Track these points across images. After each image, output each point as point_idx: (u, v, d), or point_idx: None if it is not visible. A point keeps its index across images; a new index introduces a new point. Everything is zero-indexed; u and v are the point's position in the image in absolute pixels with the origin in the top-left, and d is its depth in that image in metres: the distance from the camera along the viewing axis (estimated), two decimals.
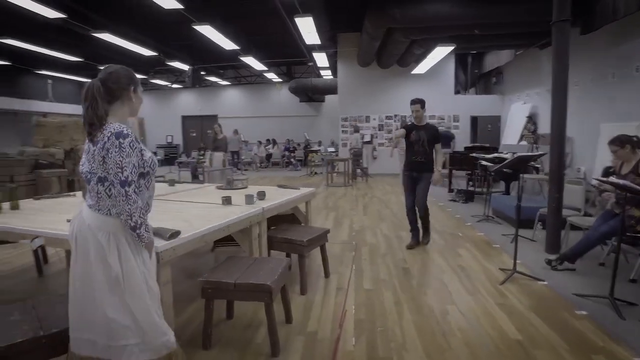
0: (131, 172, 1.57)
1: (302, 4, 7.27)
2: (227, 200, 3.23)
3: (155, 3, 6.59)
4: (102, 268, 1.60)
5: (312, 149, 14.59)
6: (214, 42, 9.28)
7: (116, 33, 8.50)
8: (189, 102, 18.67)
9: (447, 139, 9.93)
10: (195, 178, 9.09)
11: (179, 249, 2.19)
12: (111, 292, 1.60)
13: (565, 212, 4.18)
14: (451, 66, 11.72)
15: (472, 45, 9.44)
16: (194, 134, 19.33)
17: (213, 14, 8.24)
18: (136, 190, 1.60)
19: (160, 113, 18.79)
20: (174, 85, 17.81)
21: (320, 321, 2.71)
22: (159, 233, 2.20)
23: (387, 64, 11.04)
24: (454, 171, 8.29)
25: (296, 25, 8.13)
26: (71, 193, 4.15)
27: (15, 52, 10.21)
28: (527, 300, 2.99)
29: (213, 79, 16.68)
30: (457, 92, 12.40)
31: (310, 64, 14.09)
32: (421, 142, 4.25)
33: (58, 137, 7.25)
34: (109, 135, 1.57)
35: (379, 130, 12.02)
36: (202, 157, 16.30)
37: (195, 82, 13.31)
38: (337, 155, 12.41)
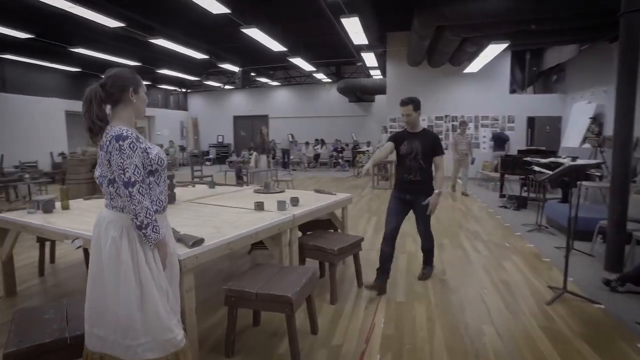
0: (134, 173, 1.60)
1: (348, 4, 7.18)
2: (259, 206, 3.24)
3: (204, 9, 6.81)
4: (113, 264, 1.63)
5: (359, 149, 14.44)
6: (262, 44, 9.46)
7: (170, 38, 8.91)
8: (240, 103, 19.21)
9: (501, 140, 9.40)
10: (239, 179, 9.30)
11: (202, 257, 2.21)
12: (121, 289, 1.62)
13: (631, 225, 3.76)
14: (507, 64, 11.05)
15: (530, 42, 8.83)
16: (245, 134, 19.88)
17: (260, 17, 8.38)
18: (141, 190, 1.62)
19: (213, 113, 19.50)
20: (227, 87, 18.41)
21: (346, 334, 2.63)
22: (183, 240, 2.24)
23: (438, 63, 10.65)
24: (506, 175, 7.81)
25: (343, 26, 8.07)
26: None
27: (85, 59, 11.05)
28: (577, 325, 2.72)
29: (263, 79, 17.04)
30: (512, 91, 11.68)
31: (359, 64, 13.94)
32: (414, 154, 3.30)
33: None
34: (109, 139, 1.62)
35: None
36: (250, 157, 16.86)
37: (245, 83, 13.67)
38: None
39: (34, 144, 10.82)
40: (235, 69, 13.33)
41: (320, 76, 15.95)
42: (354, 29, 8.28)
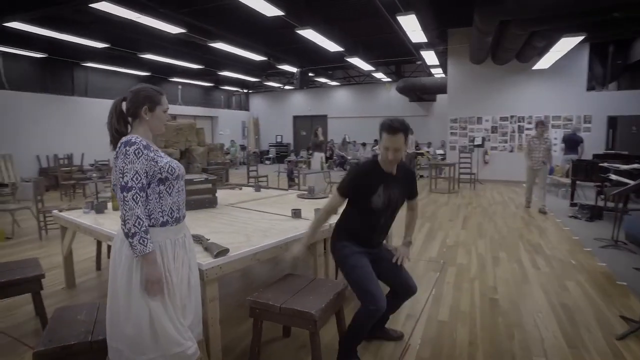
0: (132, 178, 1.59)
1: (404, 1, 6.92)
2: (296, 214, 3.18)
3: (259, 12, 6.92)
4: (125, 283, 1.64)
5: (419, 150, 13.96)
6: (319, 45, 9.46)
7: (229, 42, 9.21)
8: (299, 103, 19.44)
9: (573, 142, 8.52)
10: (291, 180, 9.37)
11: (226, 267, 2.19)
12: (132, 308, 1.63)
13: None
14: (584, 58, 10.00)
15: (612, 32, 7.90)
16: (304, 134, 20.11)
17: (316, 18, 8.36)
18: (136, 197, 1.59)
19: (273, 113, 19.94)
20: (286, 87, 18.72)
21: (377, 354, 2.48)
22: (209, 249, 2.23)
23: (504, 59, 9.93)
24: (578, 182, 7.07)
25: (400, 24, 7.81)
26: None
27: (153, 64, 11.82)
28: None
29: (322, 80, 17.09)
30: (591, 88, 10.58)
31: (418, 62, 13.47)
32: (392, 209, 2.35)
33: (175, 138, 8.14)
34: (120, 145, 1.66)
35: (492, 132, 10.91)
36: (310, 157, 17.00)
37: (302, 83, 13.77)
38: (444, 158, 11.65)
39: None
40: (294, 69, 13.49)
41: (380, 76, 15.66)
42: (411, 26, 7.97)
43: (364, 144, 15.93)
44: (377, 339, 2.62)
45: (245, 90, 19.54)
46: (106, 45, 8.92)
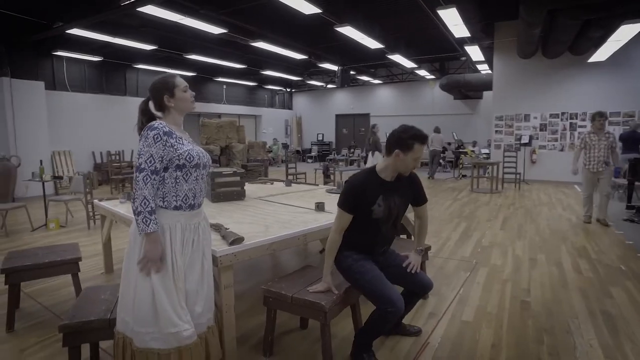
0: (146, 161, 1.69)
1: None
2: (319, 207, 3.18)
3: (297, 10, 6.99)
4: (137, 252, 1.73)
5: (463, 149, 13.49)
6: (360, 42, 9.40)
7: (270, 41, 9.37)
8: (342, 101, 19.42)
9: (633, 141, 7.88)
10: (326, 177, 9.37)
11: (240, 255, 2.23)
12: (139, 282, 1.72)
13: None
14: None
15: None
16: (346, 132, 20.08)
17: (355, 15, 8.30)
18: (146, 179, 1.69)
19: (316, 112, 20.06)
20: (329, 86, 18.77)
21: (394, 350, 2.42)
22: (225, 237, 2.29)
23: (555, 52, 9.35)
24: (636, 183, 6.52)
25: (441, 19, 7.59)
26: None
27: (199, 65, 12.30)
28: None
29: (365, 78, 16.97)
30: None
31: (463, 58, 13.02)
32: (394, 218, 2.24)
33: (216, 135, 8.39)
34: (145, 129, 1.76)
35: (540, 130, 10.31)
36: (351, 155, 16.93)
37: (343, 82, 13.73)
38: (488, 157, 11.17)
39: None
40: (335, 67, 13.49)
41: (424, 73, 15.30)
42: (453, 20, 7.72)
43: None
44: (394, 334, 2.56)
45: (288, 90, 19.81)
46: (154, 47, 9.38)
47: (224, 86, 15.56)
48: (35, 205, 7.04)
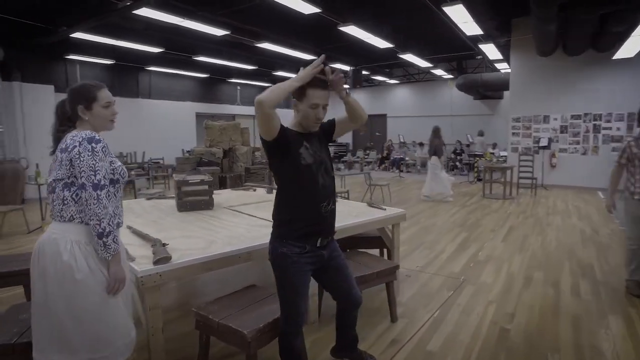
0: (104, 176, 1.59)
1: None
2: None
3: (296, 11, 6.81)
4: (69, 287, 1.58)
5: (477, 152, 12.95)
6: (367, 42, 9.14)
7: (275, 42, 9.24)
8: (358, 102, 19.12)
9: None
10: None
11: (166, 275, 2.05)
12: (80, 306, 1.59)
13: None
14: None
15: None
16: (362, 134, 19.74)
17: (360, 14, 8.05)
18: (108, 195, 1.60)
19: (331, 112, 19.35)
20: (344, 86, 18.49)
21: None
22: (155, 254, 2.11)
23: (577, 49, 8.78)
24: None
25: (449, 16, 7.23)
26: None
27: (210, 66, 12.30)
28: None
29: (380, 78, 16.61)
30: None
31: (478, 57, 12.49)
32: (320, 161, 1.95)
33: (220, 138, 8.31)
34: (80, 140, 1.58)
35: (561, 132, 9.71)
36: (366, 157, 16.62)
37: (356, 82, 13.45)
38: (504, 161, 10.65)
39: (170, 142, 12.44)
40: (347, 68, 13.23)
41: (440, 72, 14.83)
42: (462, 18, 7.36)
43: (421, 144, 15.16)
44: None
45: None
46: (161, 50, 9.41)
47: (238, 87, 15.56)
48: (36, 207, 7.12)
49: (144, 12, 6.32)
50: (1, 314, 2.10)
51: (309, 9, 6.77)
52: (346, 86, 2.06)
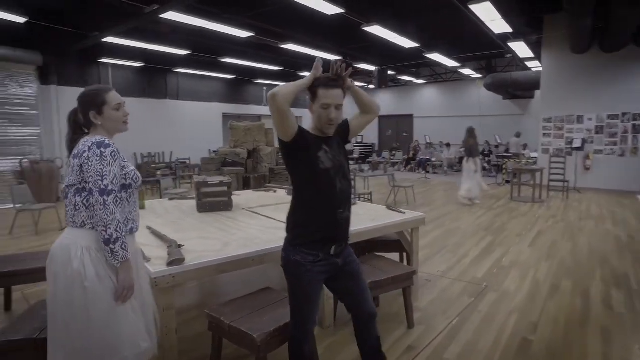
0: (111, 182, 1.57)
1: None
2: None
3: (322, 12, 6.80)
4: (100, 287, 1.58)
5: (506, 153, 12.57)
6: (393, 42, 9.04)
7: (299, 42, 9.27)
8: (384, 102, 18.89)
9: None
10: None
11: (180, 277, 2.08)
12: (118, 309, 1.60)
13: None
14: None
15: None
16: (389, 134, 19.56)
17: (384, 14, 7.96)
18: (116, 201, 1.58)
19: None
20: (370, 87, 18.36)
21: None
22: (169, 256, 2.15)
23: (615, 45, 8.36)
24: None
25: (475, 14, 7.05)
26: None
27: (237, 68, 12.49)
28: None
29: (406, 78, 16.40)
30: None
31: (507, 55, 12.11)
32: (339, 166, 1.88)
33: (244, 138, 8.40)
34: (89, 145, 1.59)
35: (596, 133, 9.28)
36: (392, 157, 16.42)
37: (381, 82, 13.31)
38: (535, 162, 10.28)
39: (197, 142, 12.71)
40: (373, 68, 13.13)
41: (468, 72, 14.49)
42: (489, 16, 7.17)
43: (448, 145, 14.86)
44: None
45: None
46: (188, 52, 9.62)
47: (264, 88, 15.70)
48: None
49: (171, 15, 6.46)
50: (27, 309, 2.19)
51: (332, 10, 6.75)
52: (371, 86, 2.02)
